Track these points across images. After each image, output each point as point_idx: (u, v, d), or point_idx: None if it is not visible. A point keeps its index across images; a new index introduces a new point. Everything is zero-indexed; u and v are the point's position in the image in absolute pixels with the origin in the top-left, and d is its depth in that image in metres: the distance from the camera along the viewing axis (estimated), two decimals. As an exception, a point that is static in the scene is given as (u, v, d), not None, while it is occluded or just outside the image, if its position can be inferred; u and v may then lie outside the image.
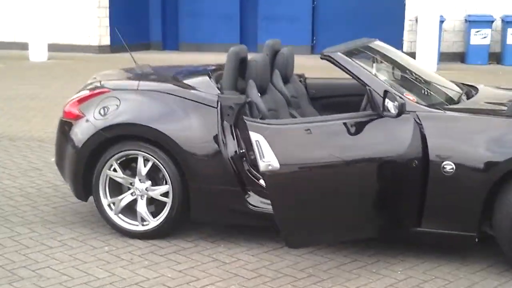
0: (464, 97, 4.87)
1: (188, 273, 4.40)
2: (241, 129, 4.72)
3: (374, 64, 4.89)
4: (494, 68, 14.80)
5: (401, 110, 4.14)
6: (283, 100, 5.35)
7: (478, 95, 4.91)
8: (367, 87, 4.44)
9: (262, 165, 4.00)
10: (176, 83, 5.05)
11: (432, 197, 4.26)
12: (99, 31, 17.81)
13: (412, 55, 15.46)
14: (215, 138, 4.71)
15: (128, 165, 4.98)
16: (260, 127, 4.15)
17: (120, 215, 5.01)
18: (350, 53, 4.71)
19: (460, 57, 15.56)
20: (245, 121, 4.21)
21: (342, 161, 4.20)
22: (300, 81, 6.00)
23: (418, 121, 4.30)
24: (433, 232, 4.34)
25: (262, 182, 4.69)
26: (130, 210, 5.00)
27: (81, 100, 5.15)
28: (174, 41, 19.28)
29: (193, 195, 4.80)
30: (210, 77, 5.09)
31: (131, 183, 4.96)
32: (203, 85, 4.97)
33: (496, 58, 15.30)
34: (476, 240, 4.28)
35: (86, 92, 5.21)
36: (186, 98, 4.85)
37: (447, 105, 4.62)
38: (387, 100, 4.19)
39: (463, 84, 5.35)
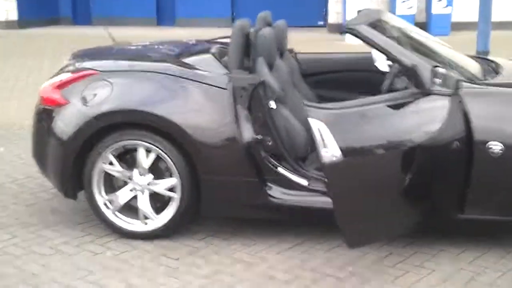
0: (493, 72, 4.55)
1: (217, 278, 3.89)
2: (255, 112, 4.22)
3: (397, 38, 4.48)
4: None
5: (458, 86, 3.77)
6: (289, 78, 4.88)
7: (506, 69, 4.60)
8: (402, 62, 4.03)
9: (325, 156, 3.52)
10: (177, 63, 4.47)
11: (477, 180, 3.93)
12: (5, 5, 16.58)
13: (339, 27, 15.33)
14: (228, 123, 4.18)
15: (123, 157, 4.39)
16: (321, 113, 3.67)
17: (118, 213, 4.42)
18: (373, 26, 4.28)
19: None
20: (306, 106, 3.71)
21: (398, 146, 3.79)
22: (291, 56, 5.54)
23: (459, 98, 3.95)
24: (476, 218, 4.02)
25: (281, 170, 4.25)
26: (128, 207, 4.43)
27: (62, 84, 4.48)
28: (85, 16, 18.30)
29: (204, 188, 4.27)
30: (214, 55, 4.55)
31: (129, 177, 4.38)
32: (208, 64, 4.42)
33: (421, 27, 15.32)
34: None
35: (67, 75, 4.53)
36: (192, 80, 4.28)
37: (483, 80, 4.29)
38: (436, 76, 3.79)
39: (475, 57, 5.05)
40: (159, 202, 4.42)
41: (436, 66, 3.78)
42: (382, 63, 5.23)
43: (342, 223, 3.64)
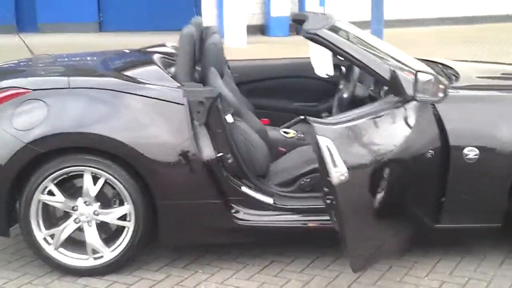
0: (452, 75, 4.43)
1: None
2: (214, 127, 3.87)
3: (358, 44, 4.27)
4: (298, 39, 14.85)
5: (446, 93, 3.61)
6: (236, 89, 4.55)
7: (464, 72, 4.48)
8: (376, 69, 3.83)
9: (335, 176, 3.21)
10: (120, 77, 4.01)
11: (453, 189, 3.80)
12: None
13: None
14: (186, 141, 3.79)
15: (62, 186, 3.89)
16: (327, 129, 3.35)
17: (61, 249, 3.91)
18: (333, 31, 4.04)
19: (261, 30, 15.44)
20: (310, 122, 3.37)
21: (393, 159, 3.56)
22: (223, 64, 5.21)
23: (432, 105, 3.79)
24: (453, 227, 3.90)
25: (245, 189, 3.93)
26: (71, 241, 3.93)
27: (-15, 107, 3.89)
28: None
29: (162, 215, 3.86)
30: (159, 67, 4.13)
31: (72, 208, 3.88)
32: (155, 77, 3.99)
33: (296, 29, 15.40)
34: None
35: (-9, 95, 3.94)
36: (140, 95, 3.85)
37: (451, 84, 4.16)
38: (421, 82, 3.61)
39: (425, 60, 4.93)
40: (105, 232, 3.95)
41: (418, 71, 3.61)
42: (321, 69, 5.02)
43: (349, 246, 3.37)
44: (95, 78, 4.05)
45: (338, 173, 3.19)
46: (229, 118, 3.97)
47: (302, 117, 4.98)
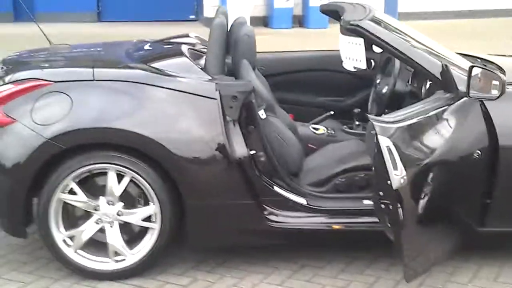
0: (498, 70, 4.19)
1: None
2: (247, 123, 3.63)
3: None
4: (301, 31, 14.64)
5: (503, 89, 3.38)
6: (266, 82, 4.31)
7: (509, 67, 4.23)
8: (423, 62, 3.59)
9: (395, 180, 2.97)
10: (147, 69, 3.76)
11: (501, 191, 3.58)
12: None
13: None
14: (217, 138, 3.56)
15: (85, 184, 3.64)
16: (387, 129, 3.11)
17: (80, 251, 3.67)
18: (376, 23, 3.81)
19: (263, 21, 15.18)
20: (371, 120, 3.14)
21: (447, 160, 3.34)
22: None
23: (481, 102, 3.56)
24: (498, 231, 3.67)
25: (278, 189, 3.70)
26: (92, 242, 3.69)
27: (4, 98, 3.64)
28: None
29: (191, 215, 3.62)
30: (188, 59, 3.89)
31: (94, 208, 3.63)
32: (185, 69, 3.74)
33: (299, 21, 15.17)
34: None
35: (9, 87, 3.68)
36: (170, 89, 3.60)
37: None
38: (476, 78, 3.38)
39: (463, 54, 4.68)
40: (127, 234, 3.71)
41: (474, 66, 3.38)
42: (350, 63, 4.78)
43: (406, 254, 3.14)
44: (122, 70, 3.80)
45: (398, 176, 2.96)
46: (262, 114, 3.74)
47: (331, 112, 4.76)
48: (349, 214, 3.70)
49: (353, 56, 4.52)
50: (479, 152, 3.43)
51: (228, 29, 4.29)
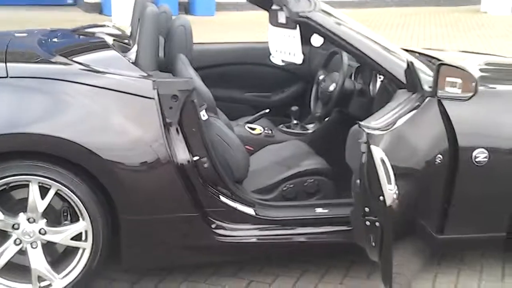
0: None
1: None
2: (188, 126, 3.22)
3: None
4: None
5: (476, 89, 3.14)
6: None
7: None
8: (381, 61, 3.30)
9: (389, 195, 2.63)
10: (70, 64, 3.25)
11: (460, 195, 3.35)
12: None
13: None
14: (156, 142, 3.11)
15: (0, 199, 3.11)
16: (379, 137, 2.75)
17: (-3, 277, 3.15)
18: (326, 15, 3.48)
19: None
20: (363, 128, 2.76)
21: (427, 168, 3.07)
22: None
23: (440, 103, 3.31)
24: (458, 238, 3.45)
25: (223, 199, 3.32)
26: (11, 267, 3.17)
27: None
28: None
29: (126, 232, 3.18)
30: (116, 51, 3.41)
31: (13, 226, 3.11)
32: (115, 64, 3.27)
33: (185, 8, 14.69)
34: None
35: None
36: (99, 87, 3.12)
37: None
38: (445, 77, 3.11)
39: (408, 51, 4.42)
40: (53, 255, 3.22)
41: (442, 64, 3.11)
42: (278, 56, 4.45)
43: (392, 274, 2.82)
44: (40, 65, 3.27)
45: (392, 191, 2.64)
46: (203, 115, 3.34)
47: (267, 110, 4.42)
48: (303, 225, 3.37)
49: (286, 49, 4.18)
50: (441, 157, 3.18)
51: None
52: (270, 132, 4.24)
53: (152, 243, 3.23)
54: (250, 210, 3.37)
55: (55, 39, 3.85)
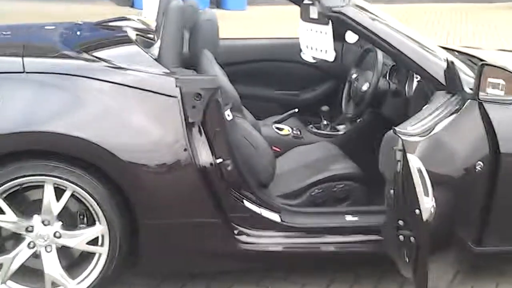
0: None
1: None
2: (211, 126, 3.04)
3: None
4: (216, 13, 13.94)
5: None
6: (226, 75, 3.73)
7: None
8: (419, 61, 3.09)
9: (426, 209, 2.43)
10: (90, 59, 3.10)
11: (500, 205, 3.13)
12: None
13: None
14: (178, 144, 2.95)
15: (14, 200, 2.97)
16: (415, 145, 2.56)
17: (10, 282, 3.01)
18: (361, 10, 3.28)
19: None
20: (398, 135, 2.57)
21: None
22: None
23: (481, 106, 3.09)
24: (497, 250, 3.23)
25: (248, 204, 3.14)
26: (24, 271, 3.03)
27: None
28: None
29: (146, 237, 3.02)
30: (139, 46, 3.25)
31: (27, 229, 2.97)
32: (136, 60, 3.10)
33: (217, 2, 14.51)
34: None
35: None
36: (119, 84, 2.96)
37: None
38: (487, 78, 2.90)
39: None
40: (68, 259, 3.08)
41: (485, 64, 2.90)
42: (310, 53, 4.26)
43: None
44: (59, 60, 3.12)
45: (429, 205, 2.44)
46: (228, 114, 3.16)
47: (296, 110, 4.23)
48: (331, 233, 3.19)
49: (317, 46, 3.98)
50: (481, 164, 2.95)
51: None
52: (298, 133, 4.05)
53: (171, 249, 3.08)
54: (275, 216, 3.19)
55: (78, 33, 3.70)
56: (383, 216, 3.00)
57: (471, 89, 3.00)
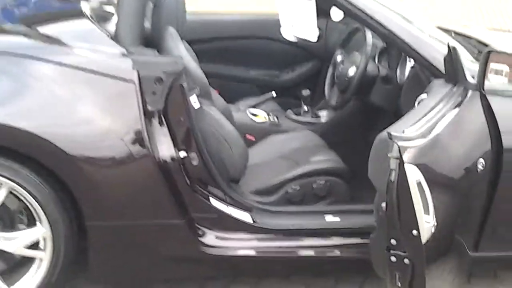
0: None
1: None
2: (174, 115, 2.63)
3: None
4: None
5: None
6: (195, 56, 3.31)
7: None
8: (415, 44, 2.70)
9: (426, 230, 2.04)
10: (32, 35, 2.67)
11: (500, 206, 2.75)
12: None
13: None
14: (135, 135, 2.53)
15: None
16: (412, 152, 2.14)
17: None
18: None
19: None
20: (393, 140, 2.15)
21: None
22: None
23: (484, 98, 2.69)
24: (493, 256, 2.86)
25: (215, 203, 2.75)
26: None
27: None
28: None
29: (95, 241, 2.63)
30: (92, 22, 2.82)
31: (-43, 230, 2.57)
32: (89, 37, 2.68)
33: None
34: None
35: None
36: (67, 66, 2.54)
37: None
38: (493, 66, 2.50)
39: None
40: (4, 263, 2.70)
41: (491, 51, 2.50)
42: (290, 31, 3.85)
43: None
44: (-4, 37, 2.69)
45: (429, 224, 2.05)
46: (194, 101, 2.75)
47: (273, 93, 3.83)
48: (309, 235, 2.81)
49: (299, 23, 3.59)
50: (483, 162, 2.56)
51: None
52: (275, 119, 3.65)
53: (125, 254, 2.69)
54: (246, 217, 2.80)
55: (21, 4, 3.25)
56: (368, 216, 2.65)
57: (473, 77, 2.61)
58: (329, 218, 2.87)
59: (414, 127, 2.29)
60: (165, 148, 2.59)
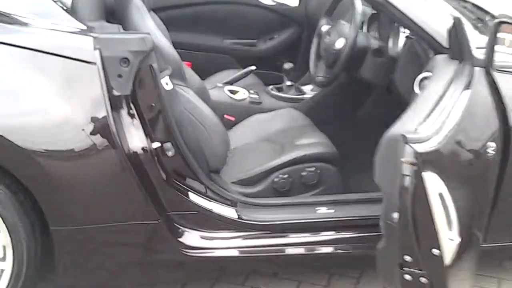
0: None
1: None
2: (144, 100, 2.30)
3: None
4: None
5: None
6: (165, 29, 2.95)
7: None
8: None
9: (448, 248, 1.74)
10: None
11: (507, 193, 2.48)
12: None
13: None
14: (99, 125, 2.21)
15: None
16: (431, 156, 1.82)
17: None
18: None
19: None
20: (408, 144, 1.81)
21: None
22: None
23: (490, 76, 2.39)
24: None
25: (195, 198, 2.44)
26: None
27: None
28: None
29: (60, 246, 2.32)
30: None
31: None
32: (43, 11, 2.33)
33: None
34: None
35: None
36: (16, 46, 2.19)
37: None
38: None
39: None
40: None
41: (503, 22, 2.20)
42: None
43: None
44: None
45: (454, 242, 1.75)
46: (166, 83, 2.41)
47: (253, 67, 3.49)
48: (299, 230, 2.53)
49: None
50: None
51: None
52: (256, 96, 3.33)
53: (94, 259, 2.38)
54: (230, 212, 2.51)
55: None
56: (364, 207, 2.38)
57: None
58: (321, 209, 2.59)
59: (427, 122, 1.96)
60: (135, 139, 2.28)
